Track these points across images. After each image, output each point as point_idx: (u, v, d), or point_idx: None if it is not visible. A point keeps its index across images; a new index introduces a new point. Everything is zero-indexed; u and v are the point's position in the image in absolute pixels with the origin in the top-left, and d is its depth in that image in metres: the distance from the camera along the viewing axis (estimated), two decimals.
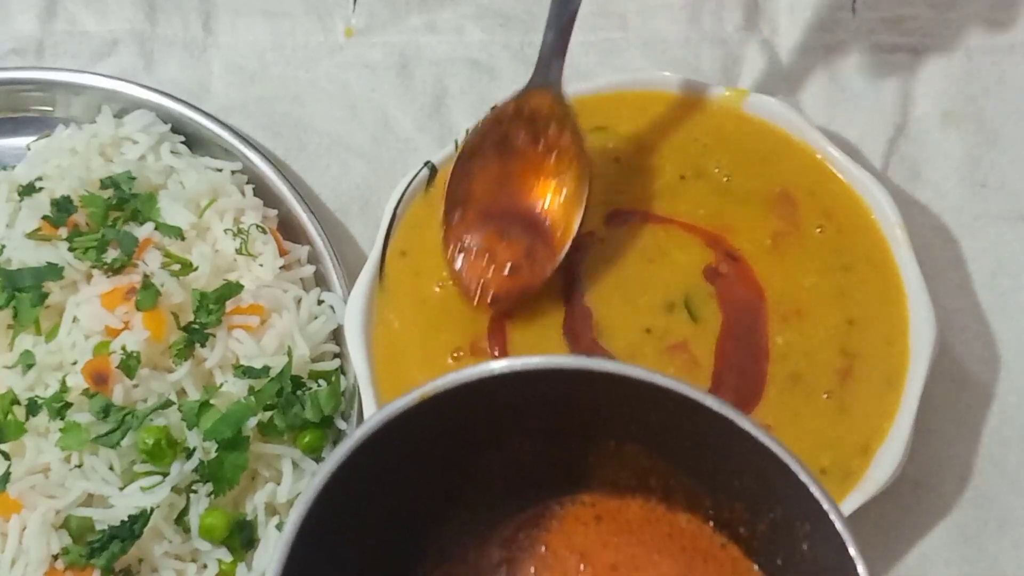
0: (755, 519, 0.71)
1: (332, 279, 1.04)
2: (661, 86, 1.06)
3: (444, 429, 0.70)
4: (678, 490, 0.74)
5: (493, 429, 0.72)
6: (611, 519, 0.75)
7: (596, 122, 1.05)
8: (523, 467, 0.74)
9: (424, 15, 1.19)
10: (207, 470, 0.93)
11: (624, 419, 0.71)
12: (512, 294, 0.98)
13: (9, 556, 0.91)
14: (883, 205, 1.00)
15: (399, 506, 0.72)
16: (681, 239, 1.01)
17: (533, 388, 0.69)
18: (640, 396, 0.67)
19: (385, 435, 0.67)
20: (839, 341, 0.97)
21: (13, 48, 1.18)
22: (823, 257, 1.00)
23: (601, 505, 0.75)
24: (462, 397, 0.68)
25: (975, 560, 0.98)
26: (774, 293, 0.99)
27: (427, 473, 0.72)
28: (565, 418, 0.72)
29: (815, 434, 0.94)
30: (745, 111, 1.05)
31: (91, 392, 0.94)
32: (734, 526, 0.73)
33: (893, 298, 0.98)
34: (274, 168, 1.08)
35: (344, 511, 0.67)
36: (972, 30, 1.16)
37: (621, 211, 1.03)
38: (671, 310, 0.99)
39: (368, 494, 0.68)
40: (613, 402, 0.69)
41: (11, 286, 0.97)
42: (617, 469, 0.74)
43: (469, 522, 0.75)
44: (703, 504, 0.74)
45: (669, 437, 0.70)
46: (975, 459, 1.01)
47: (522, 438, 0.73)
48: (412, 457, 0.70)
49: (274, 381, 0.96)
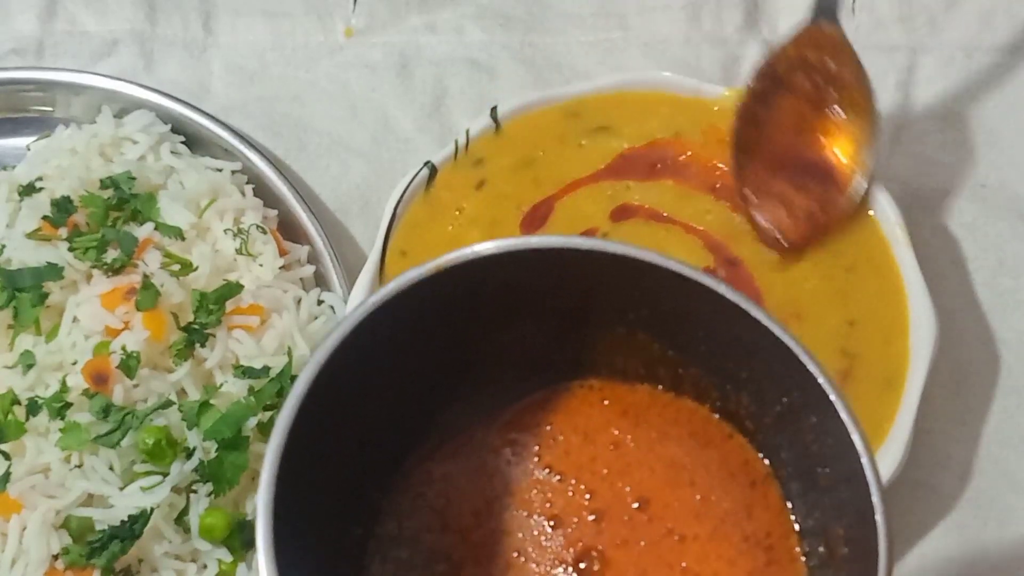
0: (762, 411, 0.70)
1: (332, 279, 1.04)
2: (662, 86, 1.06)
3: (457, 304, 0.69)
4: (686, 380, 0.74)
5: (505, 308, 0.71)
6: (617, 402, 0.75)
7: (598, 122, 1.05)
8: (533, 350, 0.74)
9: (424, 15, 1.19)
10: (207, 470, 0.93)
11: (636, 305, 0.70)
12: (809, 239, 0.99)
13: (9, 556, 0.91)
14: (883, 205, 1.00)
15: (405, 381, 0.71)
16: (682, 240, 1.01)
17: (549, 268, 0.68)
18: (654, 281, 0.67)
19: (398, 304, 0.66)
20: (839, 342, 0.97)
21: (13, 48, 1.18)
22: (824, 259, 1.00)
23: (608, 389, 0.75)
24: (478, 271, 0.67)
25: (975, 560, 0.98)
26: (774, 298, 0.99)
27: (436, 349, 0.71)
28: (578, 301, 0.71)
29: None
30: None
31: (91, 392, 0.94)
32: (740, 418, 0.73)
33: (893, 298, 0.98)
34: (274, 168, 1.08)
35: (350, 380, 0.65)
36: (971, 30, 1.16)
37: (628, 207, 1.03)
38: None
39: (376, 365, 0.67)
40: (626, 286, 0.69)
41: (11, 286, 0.98)
42: (626, 357, 0.74)
43: (476, 402, 0.74)
44: (710, 395, 0.73)
45: (680, 326, 0.70)
46: (975, 459, 1.01)
47: (534, 320, 0.72)
48: (422, 332, 0.69)
49: (274, 381, 0.96)
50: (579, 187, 1.04)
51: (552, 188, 1.04)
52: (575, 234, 1.01)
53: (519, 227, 1.02)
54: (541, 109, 1.07)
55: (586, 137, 1.05)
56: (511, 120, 1.06)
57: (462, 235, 1.02)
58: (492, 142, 1.05)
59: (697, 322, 0.69)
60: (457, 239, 1.02)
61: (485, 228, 1.02)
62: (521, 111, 1.06)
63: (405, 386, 0.71)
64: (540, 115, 1.07)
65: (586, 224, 1.02)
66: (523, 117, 1.06)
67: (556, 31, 1.18)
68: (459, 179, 1.04)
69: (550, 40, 1.18)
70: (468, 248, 0.67)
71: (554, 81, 1.16)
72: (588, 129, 1.05)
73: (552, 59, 1.17)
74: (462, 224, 1.03)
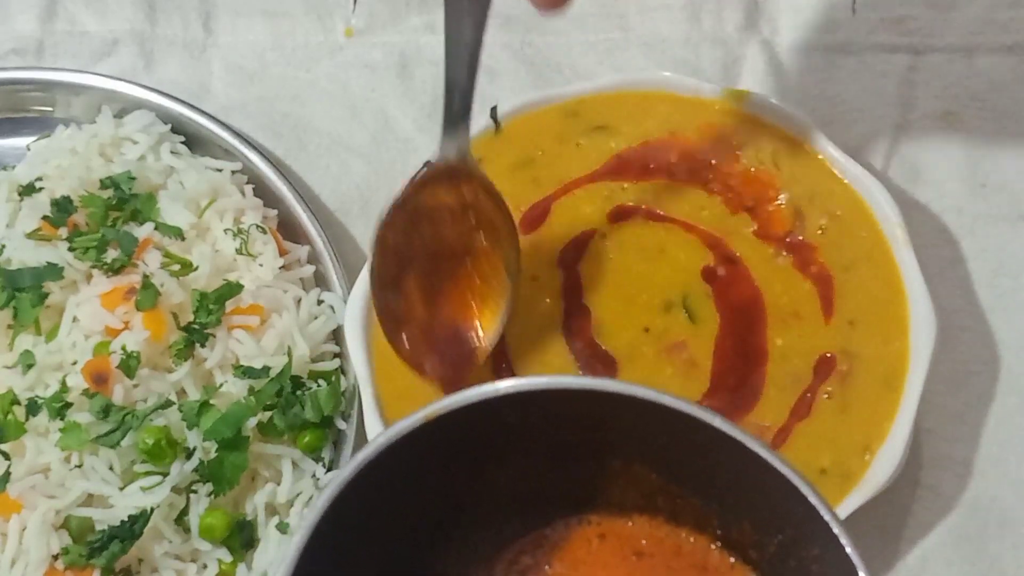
0: (764, 540, 0.70)
1: (332, 279, 1.04)
2: (662, 86, 1.06)
3: (448, 449, 0.69)
4: (686, 510, 0.73)
5: (498, 448, 0.71)
6: (616, 537, 0.74)
7: (597, 122, 1.05)
8: (529, 487, 0.73)
9: (424, 15, 1.19)
10: (207, 470, 0.93)
11: (631, 439, 0.70)
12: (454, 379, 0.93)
13: (9, 556, 0.91)
14: (883, 205, 1.00)
15: (403, 526, 0.71)
16: (681, 239, 1.01)
17: (539, 408, 0.68)
18: (647, 416, 0.67)
19: (389, 456, 0.66)
20: (839, 342, 0.97)
21: (13, 48, 1.18)
22: (824, 259, 1.00)
23: (606, 524, 0.75)
24: (467, 417, 0.67)
25: (975, 560, 0.98)
26: (773, 295, 0.99)
27: (431, 493, 0.72)
28: (570, 438, 0.71)
29: (815, 434, 0.94)
30: (746, 111, 1.05)
31: (91, 392, 0.94)
32: (743, 548, 0.72)
33: (893, 298, 0.98)
34: (274, 168, 1.08)
35: (348, 530, 0.66)
36: (972, 30, 1.16)
37: (625, 208, 1.03)
38: (669, 310, 0.99)
39: (372, 513, 0.68)
40: (619, 422, 0.69)
41: (11, 286, 0.97)
42: (623, 489, 0.74)
43: (471, 545, 0.74)
44: (711, 524, 0.73)
45: (677, 456, 0.70)
46: (975, 459, 1.01)
47: (527, 457, 0.72)
48: (416, 477, 0.70)
49: (274, 381, 0.96)
50: (577, 187, 1.04)
51: (551, 188, 1.04)
52: (575, 235, 1.02)
53: (519, 226, 1.02)
54: (540, 109, 1.07)
55: (584, 137, 1.05)
56: (510, 120, 1.06)
57: None
58: (492, 142, 1.05)
59: (694, 453, 0.69)
60: None
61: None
62: (520, 111, 1.06)
63: (402, 532, 0.71)
64: (539, 115, 1.06)
65: (584, 225, 1.02)
66: (522, 117, 1.06)
67: (556, 31, 1.18)
68: None
69: (550, 40, 1.18)
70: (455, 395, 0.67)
71: (554, 81, 1.16)
72: (586, 129, 1.05)
73: (552, 59, 1.17)
74: None
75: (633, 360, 0.97)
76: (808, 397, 0.95)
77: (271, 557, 0.94)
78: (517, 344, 0.98)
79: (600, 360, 0.97)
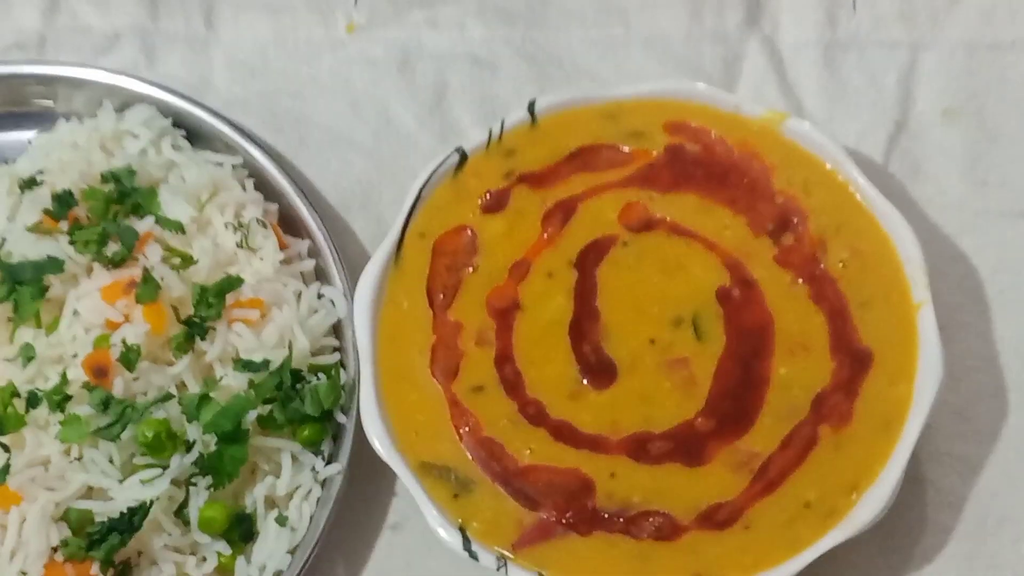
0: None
1: (332, 273, 1.04)
2: (703, 99, 1.05)
3: None
4: None
5: None
6: None
7: (634, 127, 1.05)
8: None
9: (426, 11, 1.19)
10: (207, 463, 0.93)
11: None
12: None
13: (9, 548, 0.91)
14: (908, 246, 0.98)
15: None
16: (701, 256, 1.00)
17: None
18: None
19: None
20: (843, 378, 0.95)
21: (15, 42, 1.18)
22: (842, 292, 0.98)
23: None
24: None
25: (975, 558, 0.98)
26: (784, 323, 0.98)
27: None
28: None
29: (804, 467, 0.93)
30: (783, 135, 1.03)
31: (91, 385, 0.94)
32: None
33: (904, 341, 0.96)
34: (275, 163, 1.08)
35: None
36: (972, 27, 1.15)
37: (651, 218, 1.02)
38: (678, 325, 0.98)
39: None
40: None
41: (12, 279, 0.98)
42: None
43: None
44: None
45: None
46: (976, 458, 1.01)
47: None
48: None
49: (274, 375, 0.96)
50: (605, 191, 1.03)
51: (580, 187, 1.03)
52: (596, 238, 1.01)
53: (540, 221, 1.02)
54: (579, 108, 1.06)
55: (619, 141, 1.05)
56: (548, 115, 1.05)
57: (483, 223, 1.02)
58: (526, 134, 1.05)
59: None
60: (478, 227, 1.02)
61: (508, 218, 1.02)
62: (559, 107, 1.05)
63: None
64: (577, 113, 1.06)
65: (607, 230, 1.01)
66: (560, 114, 1.05)
67: (557, 27, 1.18)
68: (489, 167, 1.04)
69: (551, 36, 1.18)
70: None
71: (556, 77, 1.16)
72: (623, 133, 1.04)
73: (553, 55, 1.18)
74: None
75: (634, 369, 0.97)
76: (803, 430, 0.94)
77: (270, 549, 0.95)
78: (523, 336, 0.98)
79: (601, 365, 0.97)
